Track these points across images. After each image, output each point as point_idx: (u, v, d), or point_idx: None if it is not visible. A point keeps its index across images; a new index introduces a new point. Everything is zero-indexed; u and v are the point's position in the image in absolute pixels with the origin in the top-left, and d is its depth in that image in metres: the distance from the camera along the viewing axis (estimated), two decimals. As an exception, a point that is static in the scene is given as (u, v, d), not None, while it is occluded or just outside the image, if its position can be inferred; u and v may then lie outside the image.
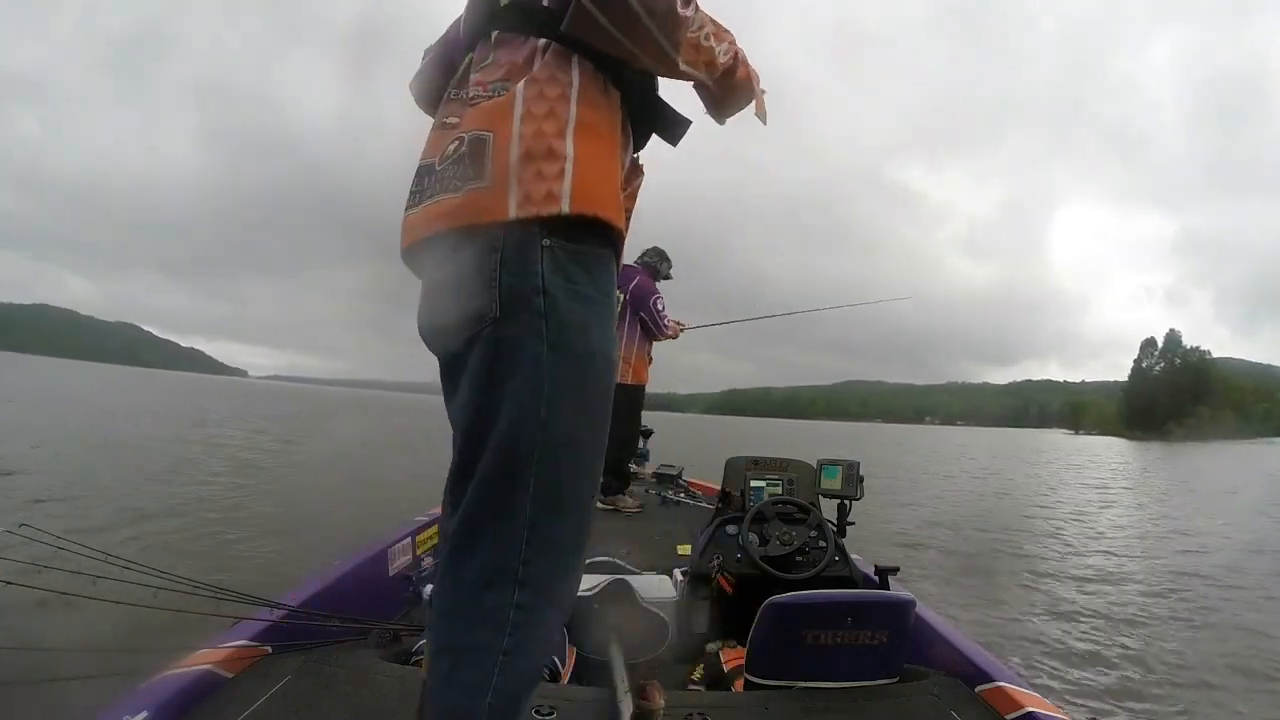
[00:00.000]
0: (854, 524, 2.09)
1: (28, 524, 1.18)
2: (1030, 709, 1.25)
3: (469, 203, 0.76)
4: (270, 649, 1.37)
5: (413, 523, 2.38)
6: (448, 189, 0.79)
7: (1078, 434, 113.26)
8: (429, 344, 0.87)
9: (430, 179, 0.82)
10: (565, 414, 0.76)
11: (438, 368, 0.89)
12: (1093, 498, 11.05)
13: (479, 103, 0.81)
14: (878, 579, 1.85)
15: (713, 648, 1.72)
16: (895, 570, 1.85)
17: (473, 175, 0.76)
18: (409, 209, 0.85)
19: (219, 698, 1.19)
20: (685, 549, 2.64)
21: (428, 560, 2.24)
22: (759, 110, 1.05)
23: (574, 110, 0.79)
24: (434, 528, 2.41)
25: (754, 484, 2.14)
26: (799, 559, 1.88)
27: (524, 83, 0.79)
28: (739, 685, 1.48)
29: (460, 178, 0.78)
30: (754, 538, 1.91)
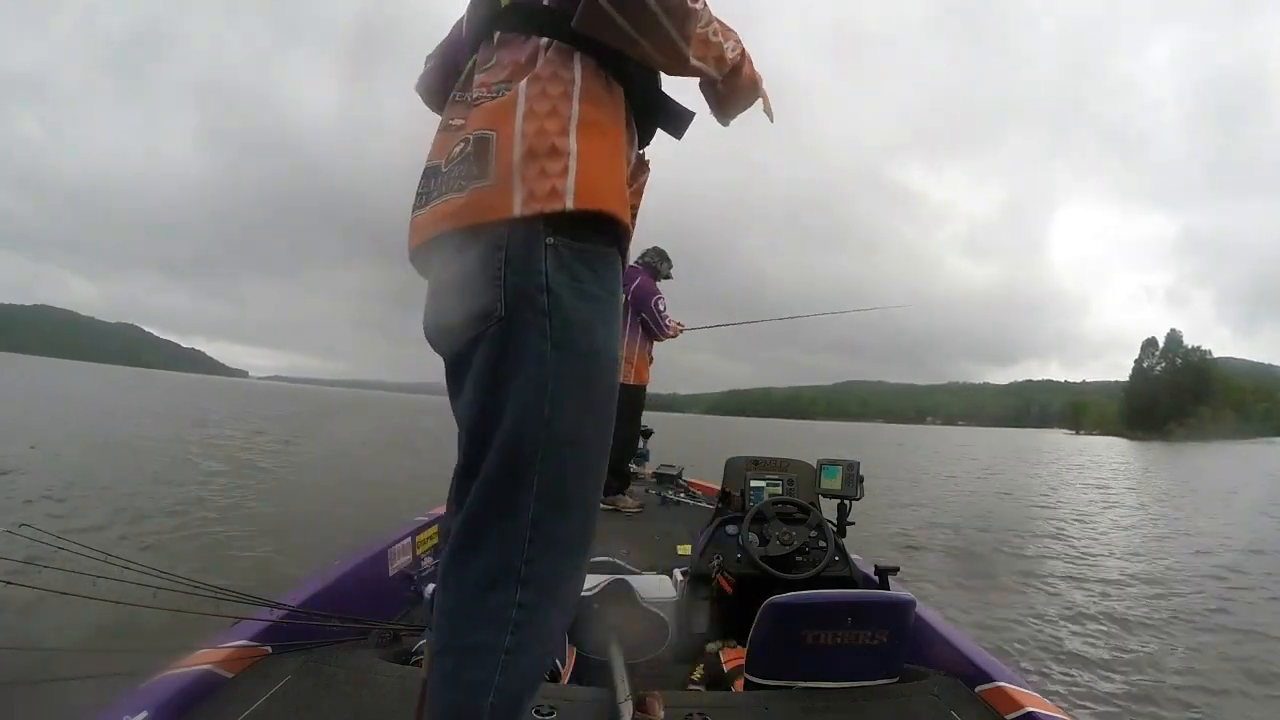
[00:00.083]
0: (854, 524, 2.09)
1: (28, 524, 1.19)
2: (1030, 709, 1.25)
3: (474, 202, 0.76)
4: (270, 649, 1.37)
5: (413, 523, 2.38)
6: (453, 189, 0.79)
7: (1079, 434, 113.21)
8: (434, 345, 0.87)
9: (436, 180, 0.82)
10: (569, 413, 0.76)
11: (443, 368, 0.89)
12: (1094, 498, 11.03)
13: (483, 103, 0.81)
14: (878, 579, 1.84)
15: (713, 648, 1.71)
16: (895, 570, 1.85)
17: (477, 174, 0.76)
18: (416, 210, 0.86)
19: (219, 698, 1.20)
20: (685, 549, 2.64)
21: (428, 560, 2.24)
22: (766, 107, 1.04)
23: (576, 107, 0.79)
24: (434, 528, 2.41)
25: (754, 484, 2.14)
26: (799, 559, 1.88)
27: (526, 81, 0.79)
28: (739, 685, 1.48)
29: (465, 177, 0.77)
30: (754, 538, 1.91)
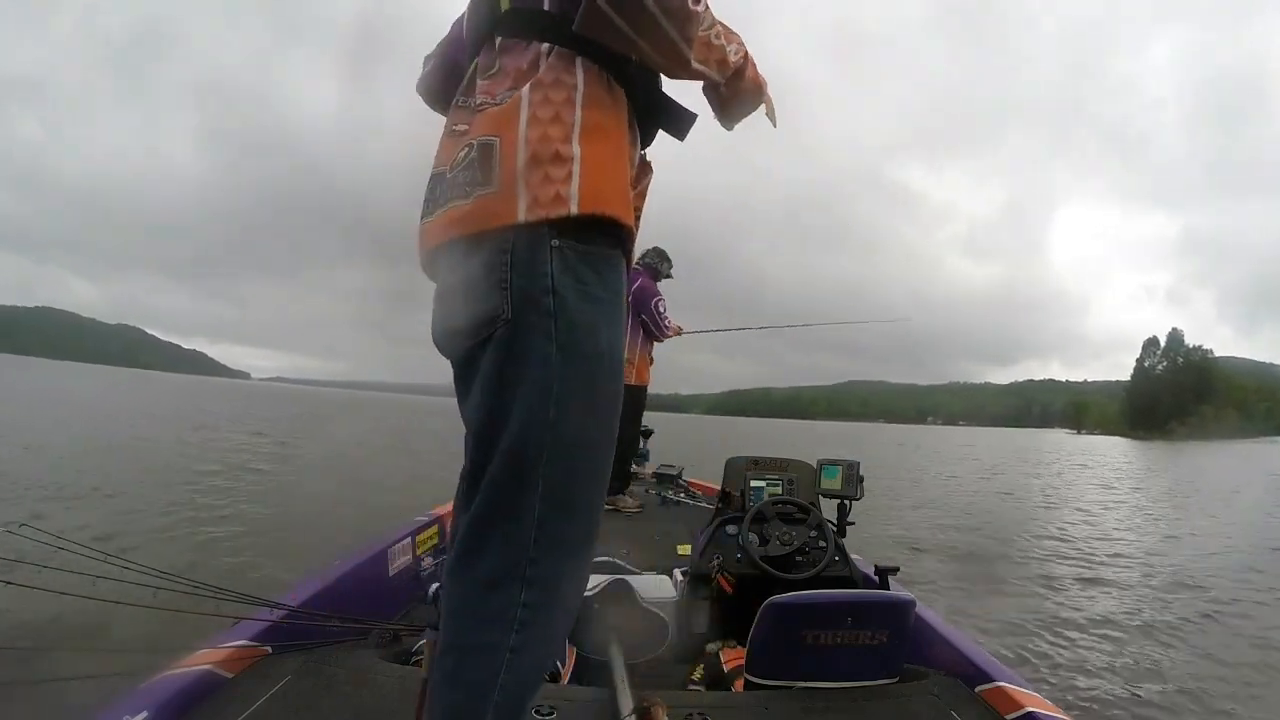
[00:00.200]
0: (854, 524, 2.09)
1: (28, 524, 1.19)
2: (1030, 709, 1.25)
3: (478, 209, 0.77)
4: (270, 649, 1.37)
5: (413, 523, 2.38)
6: (458, 196, 0.79)
7: (1080, 433, 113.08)
8: (442, 349, 0.88)
9: (442, 187, 0.83)
10: (574, 415, 0.77)
11: (447, 369, 0.89)
12: (1097, 497, 11.00)
13: (486, 109, 0.81)
14: (878, 579, 1.84)
15: (713, 648, 1.71)
16: (895, 570, 1.85)
17: (481, 181, 0.77)
18: (424, 218, 0.86)
19: (219, 698, 1.20)
20: (685, 549, 2.64)
21: (427, 560, 2.25)
22: (769, 111, 1.04)
23: (579, 113, 0.79)
24: (434, 528, 2.41)
25: (754, 484, 2.14)
26: (799, 559, 1.88)
27: (529, 87, 0.79)
28: (739, 685, 1.48)
29: (469, 184, 0.78)
30: (754, 538, 1.91)
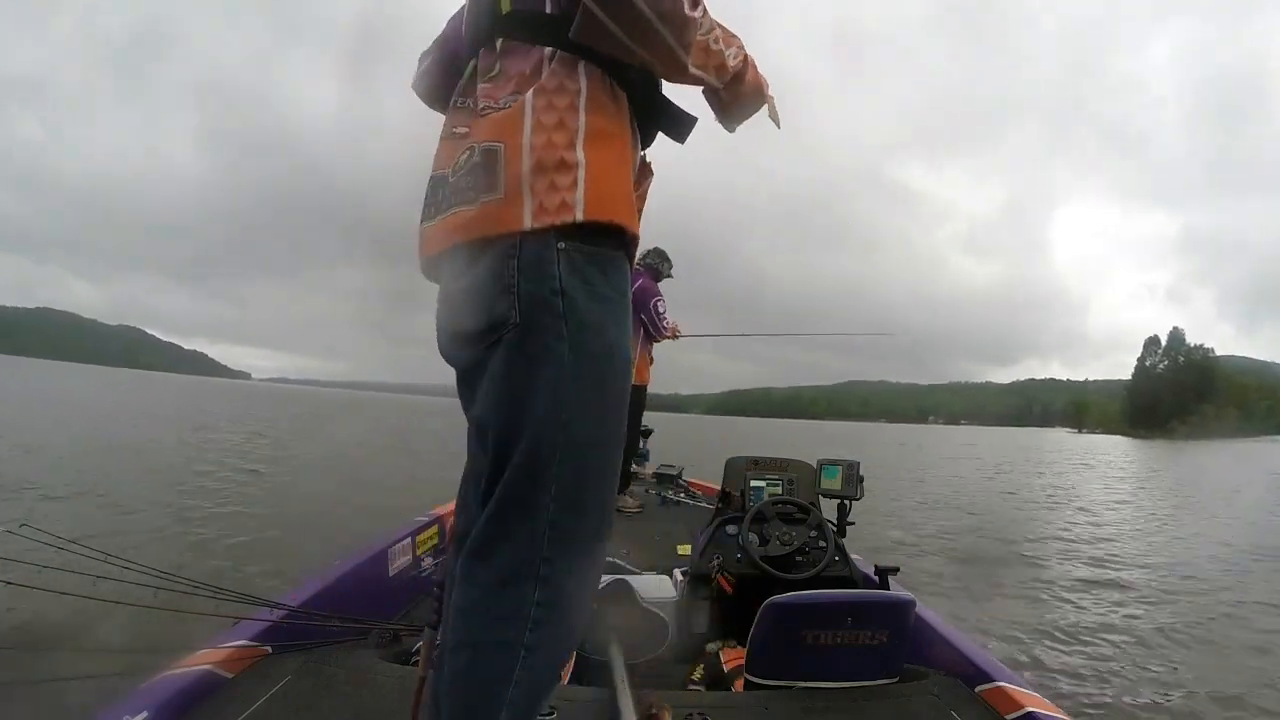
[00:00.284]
0: (854, 524, 2.08)
1: (28, 524, 1.19)
2: (1030, 709, 1.25)
3: (484, 215, 0.77)
4: (270, 649, 1.37)
5: (413, 523, 2.38)
6: (462, 201, 0.79)
7: (1081, 433, 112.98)
8: (447, 355, 0.88)
9: (444, 190, 0.83)
10: (586, 414, 0.77)
11: (448, 370, 0.89)
12: (1099, 497, 10.99)
13: (489, 114, 0.81)
14: (878, 579, 1.84)
15: (713, 648, 1.71)
16: (895, 570, 1.85)
17: (486, 187, 0.77)
18: (425, 221, 0.86)
19: (219, 698, 1.20)
20: (685, 549, 2.64)
21: (427, 560, 2.25)
22: (773, 114, 1.04)
23: (583, 119, 0.79)
24: (434, 528, 2.41)
25: (754, 484, 2.14)
26: (799, 559, 1.88)
27: (532, 92, 0.79)
28: (739, 685, 1.48)
29: (474, 189, 0.78)
30: (754, 538, 1.91)
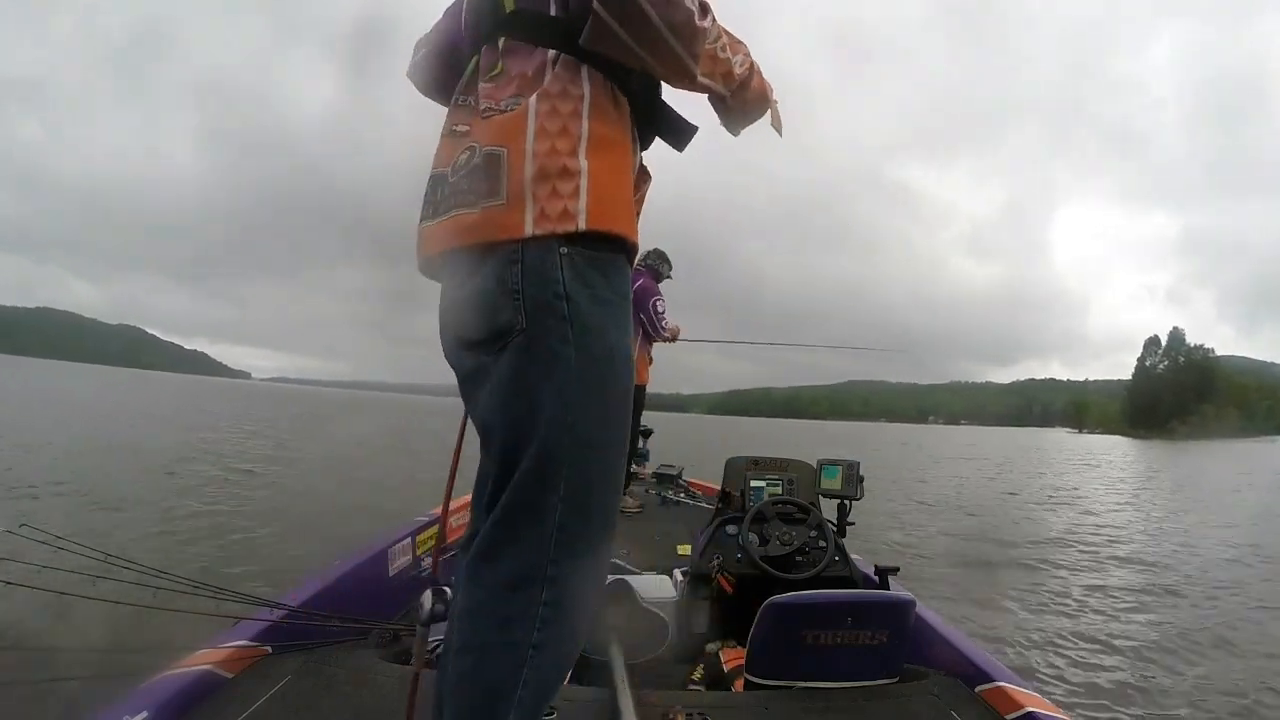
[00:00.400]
0: (854, 524, 2.08)
1: (28, 524, 1.19)
2: (1030, 709, 1.25)
3: (486, 220, 0.77)
4: (270, 649, 1.37)
5: (413, 523, 2.38)
6: (463, 204, 0.79)
7: (1081, 433, 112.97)
8: (451, 358, 0.88)
9: (444, 190, 0.82)
10: (591, 417, 0.78)
11: (451, 373, 0.89)
12: (1100, 497, 10.99)
13: (491, 116, 0.81)
14: (878, 579, 1.84)
15: (713, 648, 1.71)
16: (895, 570, 1.85)
17: (487, 192, 0.77)
18: (424, 220, 0.86)
19: (219, 698, 1.20)
20: (685, 549, 2.64)
21: (427, 560, 2.25)
22: (775, 122, 1.04)
23: (586, 125, 0.79)
24: (434, 528, 2.41)
25: (754, 484, 2.14)
26: (799, 559, 1.88)
27: (536, 97, 0.78)
28: (739, 685, 1.48)
29: (475, 193, 0.78)
30: (754, 538, 1.91)
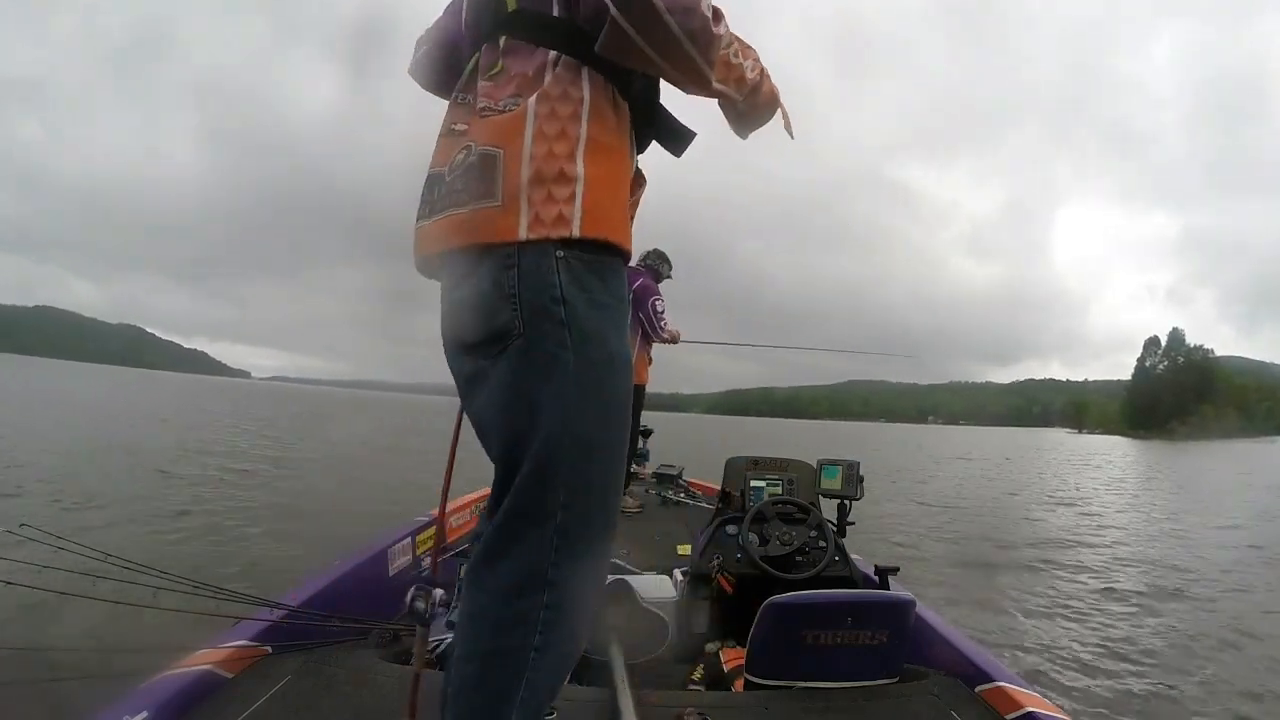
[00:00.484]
0: (854, 524, 2.08)
1: (28, 524, 1.19)
2: (1030, 709, 1.25)
3: (481, 221, 0.76)
4: (270, 649, 1.37)
5: (413, 523, 2.38)
6: (458, 203, 0.78)
7: (1081, 433, 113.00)
8: (451, 362, 0.88)
9: (440, 189, 0.82)
10: (590, 421, 0.78)
11: (449, 373, 0.89)
12: (1100, 497, 10.99)
13: (489, 115, 0.80)
14: (878, 579, 1.84)
15: (713, 648, 1.72)
16: (895, 570, 1.85)
17: (482, 193, 0.76)
18: (421, 219, 0.85)
19: (219, 698, 1.20)
20: (685, 549, 2.64)
21: (427, 560, 2.25)
22: (786, 124, 1.03)
23: (585, 129, 0.79)
24: (434, 528, 2.41)
25: (754, 484, 2.14)
26: (799, 559, 1.88)
27: (535, 99, 0.78)
28: (739, 685, 1.48)
29: (470, 193, 0.77)
30: (754, 538, 1.90)
